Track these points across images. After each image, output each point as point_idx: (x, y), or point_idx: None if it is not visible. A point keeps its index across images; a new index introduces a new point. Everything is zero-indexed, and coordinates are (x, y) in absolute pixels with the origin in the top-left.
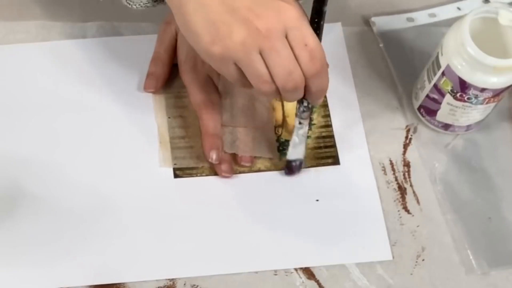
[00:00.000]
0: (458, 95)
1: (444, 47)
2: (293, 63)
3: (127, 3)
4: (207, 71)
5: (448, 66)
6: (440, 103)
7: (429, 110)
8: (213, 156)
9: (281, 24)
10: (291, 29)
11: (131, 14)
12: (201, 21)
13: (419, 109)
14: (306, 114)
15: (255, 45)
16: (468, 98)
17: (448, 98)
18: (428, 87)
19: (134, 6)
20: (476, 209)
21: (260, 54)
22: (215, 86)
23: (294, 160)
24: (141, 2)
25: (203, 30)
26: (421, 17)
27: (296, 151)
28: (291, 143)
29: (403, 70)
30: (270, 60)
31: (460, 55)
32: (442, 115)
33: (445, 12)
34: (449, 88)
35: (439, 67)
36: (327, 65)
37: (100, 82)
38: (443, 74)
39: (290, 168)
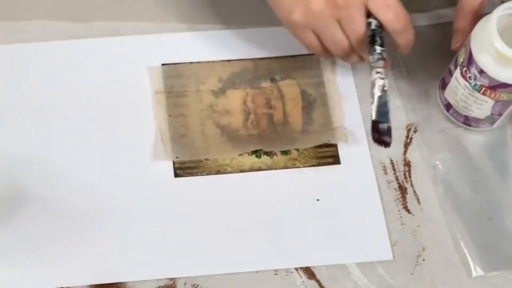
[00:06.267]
0: (464, 70)
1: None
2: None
3: None
4: None
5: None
6: (451, 76)
7: (444, 82)
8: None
9: None
10: None
11: (131, 14)
12: None
13: (440, 82)
14: (381, 63)
15: (333, 14)
16: (469, 77)
17: (457, 72)
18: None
19: None
20: (476, 209)
21: (338, 22)
22: None
23: (381, 122)
24: None
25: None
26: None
27: (379, 111)
28: (372, 100)
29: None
30: (347, 28)
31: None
32: (449, 91)
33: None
34: (461, 60)
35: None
36: (410, 22)
37: (100, 82)
38: (464, 45)
39: (377, 131)
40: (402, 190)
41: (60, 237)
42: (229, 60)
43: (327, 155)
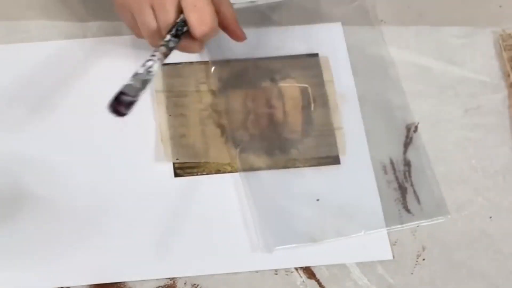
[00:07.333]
0: None
1: None
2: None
3: None
4: None
5: None
6: None
7: None
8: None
9: None
10: None
11: None
12: None
13: None
14: (162, 49)
15: (147, 2)
16: None
17: None
18: None
19: None
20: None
21: (152, 8)
22: None
23: (126, 93)
24: None
25: None
26: None
27: (129, 85)
28: (134, 72)
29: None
30: (157, 15)
31: None
32: None
33: None
34: None
35: None
36: (216, 26)
37: (100, 82)
38: None
39: (118, 100)
40: (402, 190)
41: (60, 237)
42: (229, 60)
43: (327, 155)
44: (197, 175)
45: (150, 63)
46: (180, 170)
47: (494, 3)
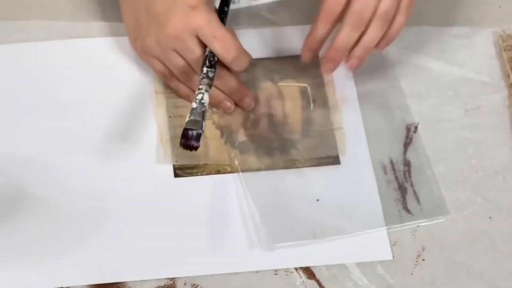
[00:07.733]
0: None
1: None
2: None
3: None
4: None
5: None
6: None
7: None
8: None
9: (187, 27)
10: (200, 29)
11: None
12: (130, 19)
13: None
14: (204, 81)
15: (168, 45)
16: None
17: None
18: None
19: None
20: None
21: (176, 51)
22: None
23: (190, 129)
24: None
25: (130, 26)
26: None
27: (190, 120)
28: (189, 110)
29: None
30: (184, 56)
31: None
32: None
33: None
34: None
35: None
36: (243, 49)
37: (100, 82)
38: None
39: (186, 137)
40: (402, 190)
41: (60, 237)
42: None
43: (327, 155)
44: (197, 175)
45: (199, 96)
46: (180, 171)
47: (494, 3)
